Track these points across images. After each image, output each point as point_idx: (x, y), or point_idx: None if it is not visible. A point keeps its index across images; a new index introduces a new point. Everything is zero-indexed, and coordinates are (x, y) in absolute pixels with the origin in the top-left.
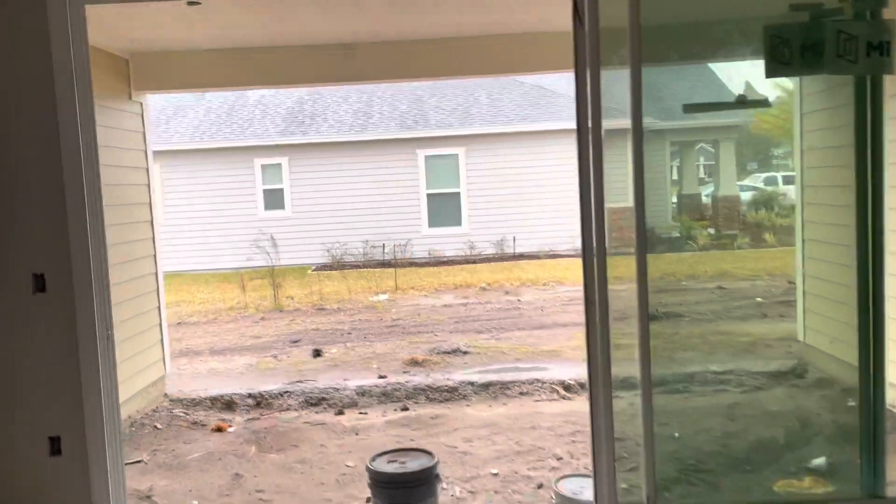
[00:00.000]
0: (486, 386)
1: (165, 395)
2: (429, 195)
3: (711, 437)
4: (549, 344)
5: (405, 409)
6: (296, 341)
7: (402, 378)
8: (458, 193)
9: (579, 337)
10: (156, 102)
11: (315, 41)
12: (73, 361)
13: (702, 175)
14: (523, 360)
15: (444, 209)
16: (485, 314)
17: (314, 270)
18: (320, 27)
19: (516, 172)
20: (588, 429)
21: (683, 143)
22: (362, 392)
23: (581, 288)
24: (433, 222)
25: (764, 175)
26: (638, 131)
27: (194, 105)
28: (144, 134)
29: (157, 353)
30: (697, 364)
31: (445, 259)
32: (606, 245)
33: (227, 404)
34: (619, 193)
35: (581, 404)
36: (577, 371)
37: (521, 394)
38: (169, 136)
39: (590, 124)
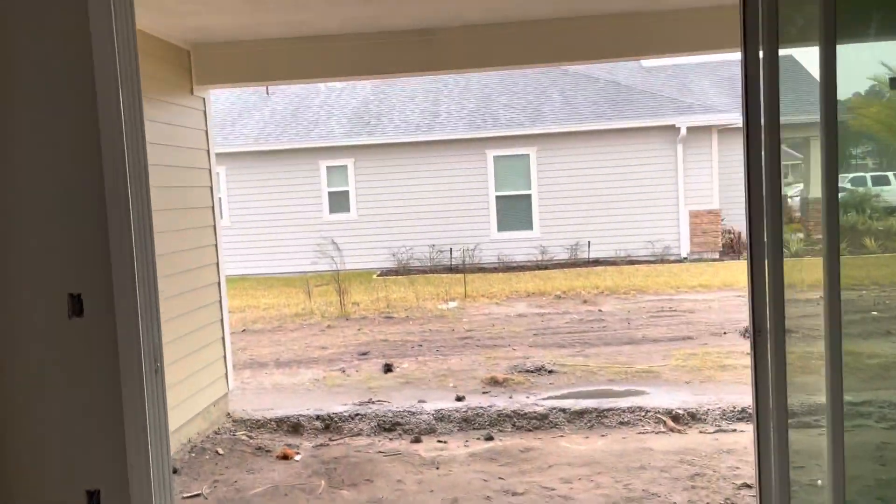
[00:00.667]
0: (581, 414)
1: (228, 414)
2: (498, 197)
3: (863, 487)
4: (642, 363)
5: (489, 438)
6: (364, 353)
7: (482, 400)
8: (529, 195)
9: (676, 355)
10: (220, 104)
11: (391, 26)
12: (115, 399)
13: (786, 175)
14: (616, 382)
15: (514, 212)
16: (564, 326)
17: (379, 275)
18: (396, 10)
19: (591, 173)
20: (710, 471)
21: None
22: (440, 417)
23: (668, 297)
24: (503, 226)
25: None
26: (831, 119)
27: (259, 106)
28: (207, 132)
29: (219, 370)
30: (824, 392)
31: (515, 265)
32: (687, 251)
33: (294, 427)
34: (703, 195)
35: (695, 440)
36: (683, 398)
37: (622, 423)
38: (234, 138)
39: (762, 116)
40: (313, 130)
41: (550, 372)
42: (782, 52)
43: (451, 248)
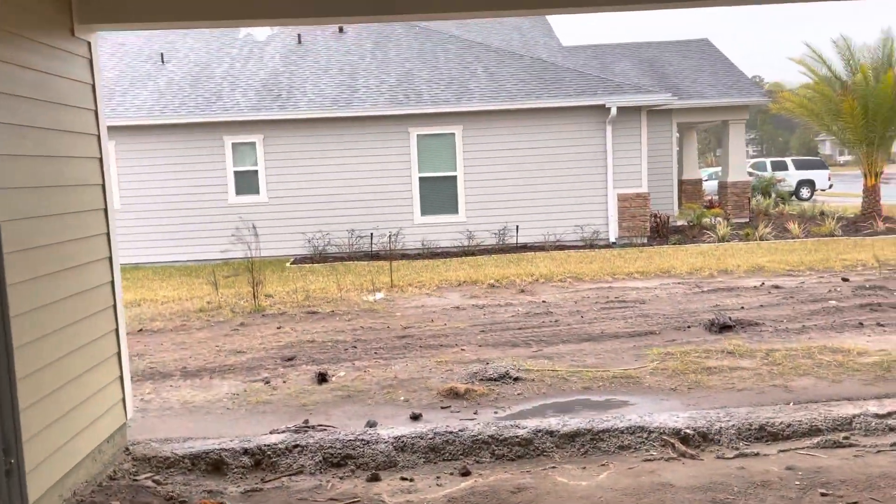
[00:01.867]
0: (572, 437)
1: (127, 451)
2: (422, 179)
3: None
4: (615, 365)
5: (466, 472)
6: (290, 359)
7: (444, 419)
8: (455, 177)
9: (649, 355)
10: (107, 72)
11: None
12: None
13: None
14: (594, 391)
15: (438, 195)
16: (512, 321)
17: (293, 263)
18: None
19: (518, 154)
20: None
21: (683, 125)
22: (401, 446)
23: (608, 285)
24: (427, 209)
25: (752, 161)
26: None
27: (153, 75)
28: (94, 87)
29: (114, 395)
30: (839, 401)
31: (441, 251)
32: (616, 235)
33: (215, 465)
34: (630, 178)
35: (717, 469)
36: (677, 410)
37: (622, 448)
38: (124, 110)
39: None
40: (216, 103)
41: (516, 379)
42: (699, 36)
43: (371, 234)
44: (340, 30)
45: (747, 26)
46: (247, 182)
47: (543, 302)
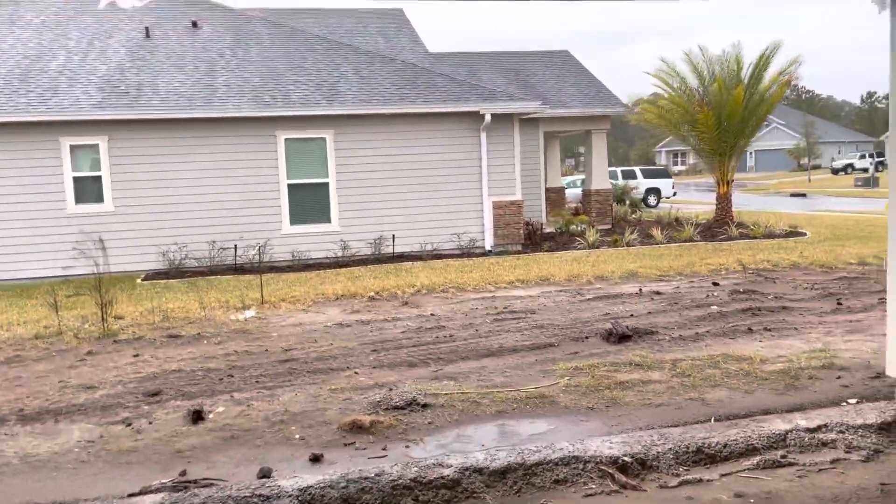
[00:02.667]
0: (502, 474)
1: None
2: (291, 186)
3: None
4: (524, 383)
5: None
6: (154, 394)
7: (351, 458)
8: (327, 184)
9: (556, 370)
10: None
11: None
12: None
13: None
14: (510, 414)
15: (309, 203)
16: (403, 336)
17: (145, 279)
18: None
19: (394, 160)
20: None
21: (548, 134)
22: (308, 499)
23: (492, 294)
24: (297, 219)
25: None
26: None
27: None
28: None
29: None
30: (761, 414)
31: (313, 262)
32: (491, 243)
33: None
34: (505, 186)
35: (662, 498)
36: (601, 433)
37: (558, 482)
38: None
39: None
40: (51, 100)
41: (424, 406)
42: (562, 47)
43: (235, 245)
44: (194, 24)
45: (604, 43)
46: (89, 189)
47: (432, 315)
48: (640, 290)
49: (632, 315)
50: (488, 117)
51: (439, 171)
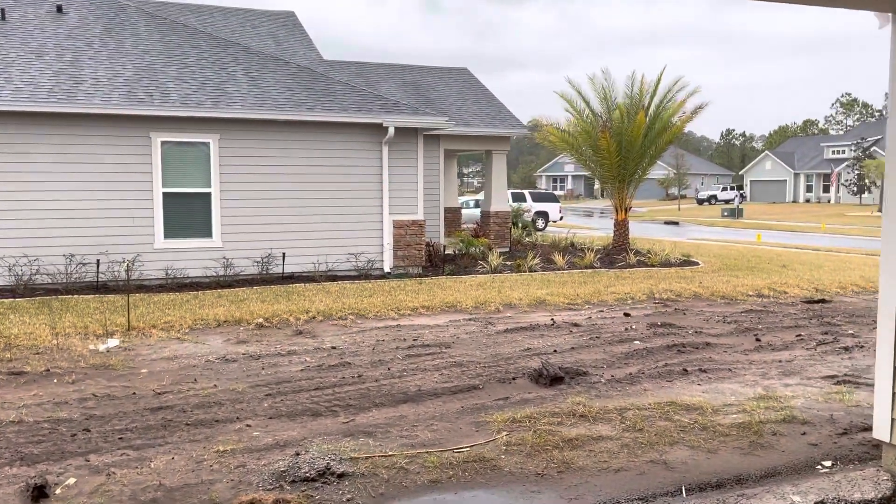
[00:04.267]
0: None
1: None
2: (167, 195)
3: None
4: (454, 439)
5: None
6: None
7: None
8: (209, 195)
9: (492, 423)
10: None
11: None
12: None
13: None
14: (446, 485)
15: (188, 215)
16: (302, 376)
17: None
18: None
19: (288, 172)
20: None
21: (448, 153)
22: None
23: (396, 323)
24: (172, 232)
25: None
26: None
27: None
28: None
29: None
30: (736, 481)
31: (189, 281)
32: (391, 265)
33: None
34: (406, 204)
35: None
36: (552, 502)
37: None
38: None
39: None
40: None
41: (341, 476)
42: (459, 65)
43: (98, 260)
44: (59, 9)
45: (504, 66)
46: None
47: (333, 348)
48: (553, 320)
49: (555, 351)
50: (392, 130)
51: (336, 185)
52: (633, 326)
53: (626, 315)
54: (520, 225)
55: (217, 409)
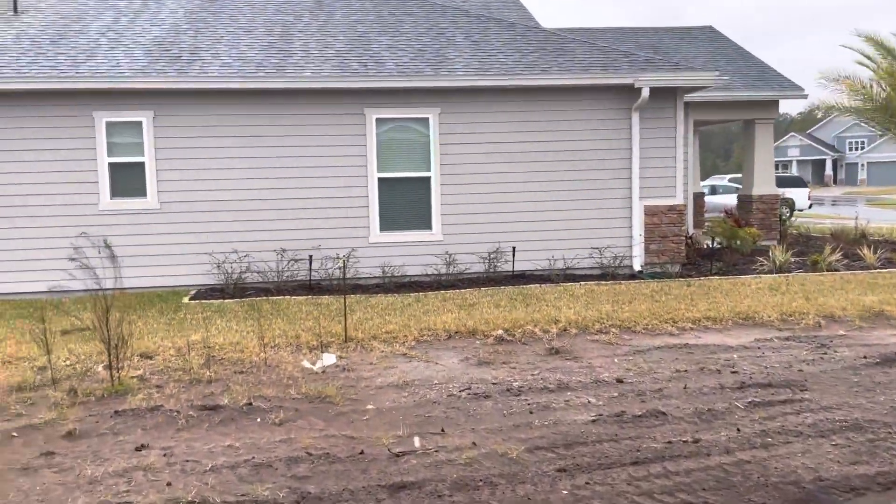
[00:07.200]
0: None
1: None
2: (382, 181)
3: None
4: None
5: None
6: None
7: None
8: (428, 179)
9: None
10: None
11: None
12: None
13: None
14: None
15: (404, 204)
16: (599, 432)
17: (193, 299)
18: None
19: (518, 150)
20: None
21: (698, 124)
22: None
23: (680, 341)
24: (388, 224)
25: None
26: None
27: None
28: None
29: None
30: None
31: (408, 280)
32: (642, 262)
33: None
34: (661, 186)
35: None
36: None
37: None
38: None
39: None
40: (84, 63)
41: None
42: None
43: (310, 256)
44: None
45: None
46: (128, 179)
47: (619, 382)
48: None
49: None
50: (646, 92)
51: (574, 164)
52: None
53: None
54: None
55: (488, 493)
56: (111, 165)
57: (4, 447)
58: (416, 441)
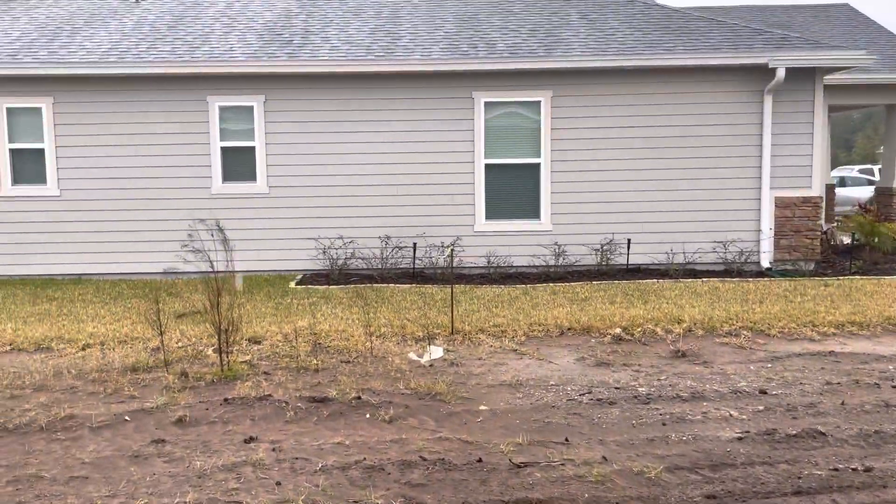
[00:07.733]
0: None
1: None
2: (489, 167)
3: None
4: None
5: None
6: None
7: None
8: (538, 166)
9: None
10: (61, 9)
11: None
12: None
13: None
14: None
15: (512, 191)
16: (749, 453)
17: (299, 284)
18: None
19: (633, 136)
20: None
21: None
22: None
23: (823, 348)
24: (494, 212)
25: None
26: None
27: (121, 12)
28: None
29: None
30: None
31: (514, 271)
32: (771, 258)
33: None
34: (795, 176)
35: None
36: None
37: None
38: (67, 54)
39: None
40: (199, 48)
41: None
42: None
43: (415, 244)
44: None
45: None
46: (239, 163)
47: (762, 394)
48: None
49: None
50: (781, 73)
51: (696, 151)
52: None
53: None
54: None
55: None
56: (223, 150)
57: (117, 432)
58: (533, 449)
